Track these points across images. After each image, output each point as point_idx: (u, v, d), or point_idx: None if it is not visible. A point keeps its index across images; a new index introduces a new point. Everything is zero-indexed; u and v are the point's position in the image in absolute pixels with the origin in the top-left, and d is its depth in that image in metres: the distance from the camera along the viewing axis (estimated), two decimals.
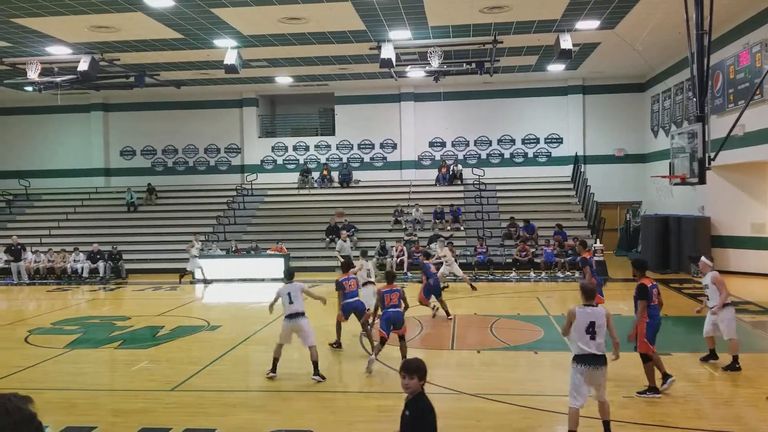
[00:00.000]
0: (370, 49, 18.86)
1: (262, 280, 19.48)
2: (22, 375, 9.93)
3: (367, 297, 11.50)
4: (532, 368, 9.61)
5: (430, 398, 4.15)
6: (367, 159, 27.35)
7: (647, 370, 7.95)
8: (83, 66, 18.38)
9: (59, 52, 18.72)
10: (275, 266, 19.25)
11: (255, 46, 18.74)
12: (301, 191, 26.48)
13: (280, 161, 27.83)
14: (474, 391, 8.24)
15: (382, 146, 27.30)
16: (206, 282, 19.70)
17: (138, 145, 28.45)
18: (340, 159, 27.41)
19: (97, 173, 28.25)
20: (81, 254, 21.47)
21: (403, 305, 9.66)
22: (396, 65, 18.19)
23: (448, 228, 22.87)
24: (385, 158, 27.29)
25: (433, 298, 13.19)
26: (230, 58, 18.05)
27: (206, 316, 14.39)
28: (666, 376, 8.02)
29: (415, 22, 16.79)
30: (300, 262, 21.02)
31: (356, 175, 26.95)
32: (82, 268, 21.10)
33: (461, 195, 25.17)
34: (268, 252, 20.83)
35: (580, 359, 6.32)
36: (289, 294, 9.20)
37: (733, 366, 8.96)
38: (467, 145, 26.78)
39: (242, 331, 12.46)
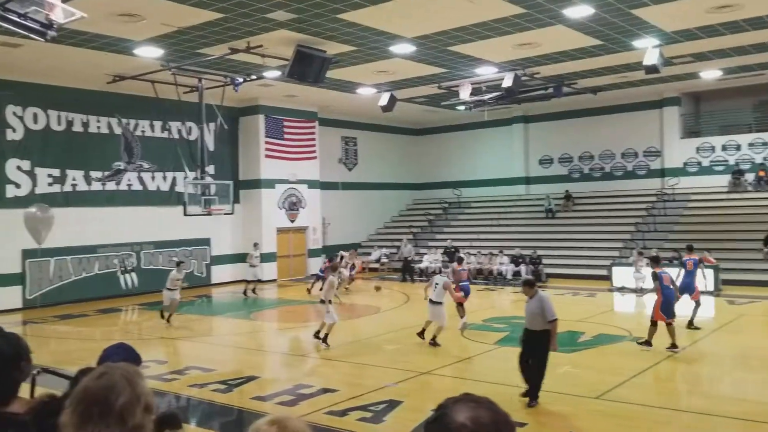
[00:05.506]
0: None
1: None
2: (459, 366, 11.06)
3: None
4: None
5: None
6: None
7: None
8: (507, 83, 19.70)
9: (486, 72, 20.37)
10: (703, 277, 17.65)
11: (678, 42, 17.58)
12: (733, 195, 23.86)
13: (705, 163, 25.55)
14: None
15: None
16: (638, 291, 19.09)
17: (555, 154, 29.28)
18: None
19: (518, 182, 29.95)
20: (505, 257, 23.06)
21: None
22: None
23: None
24: None
25: None
26: (651, 58, 17.27)
27: (627, 326, 14.00)
28: None
29: None
30: (731, 274, 18.97)
31: None
32: (506, 270, 22.62)
33: None
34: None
35: None
36: None
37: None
38: None
39: (667, 345, 11.76)
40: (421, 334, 12.56)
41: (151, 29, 14.61)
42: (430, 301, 12.65)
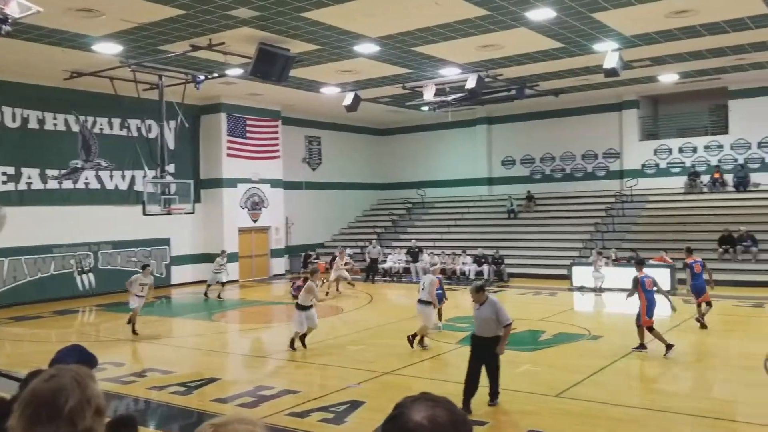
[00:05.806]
0: None
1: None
2: (421, 365, 11.09)
3: None
4: None
5: None
6: None
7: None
8: (471, 84, 19.84)
9: (450, 73, 20.48)
10: (659, 277, 18.01)
11: (637, 45, 17.93)
12: (689, 196, 24.43)
13: (663, 165, 26.13)
14: None
15: None
16: (597, 291, 19.43)
17: (517, 155, 29.60)
18: (735, 160, 24.55)
19: (481, 182, 30.20)
20: (468, 257, 23.21)
21: None
22: None
23: None
24: None
25: None
26: (610, 61, 17.58)
27: (587, 324, 14.23)
28: None
29: None
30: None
31: (755, 177, 23.79)
32: (469, 270, 22.77)
33: None
34: (651, 262, 19.64)
35: None
36: None
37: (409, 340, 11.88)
38: None
39: (624, 343, 11.97)
40: (420, 341, 12.23)
41: (110, 25, 14.32)
42: (419, 300, 12.56)
